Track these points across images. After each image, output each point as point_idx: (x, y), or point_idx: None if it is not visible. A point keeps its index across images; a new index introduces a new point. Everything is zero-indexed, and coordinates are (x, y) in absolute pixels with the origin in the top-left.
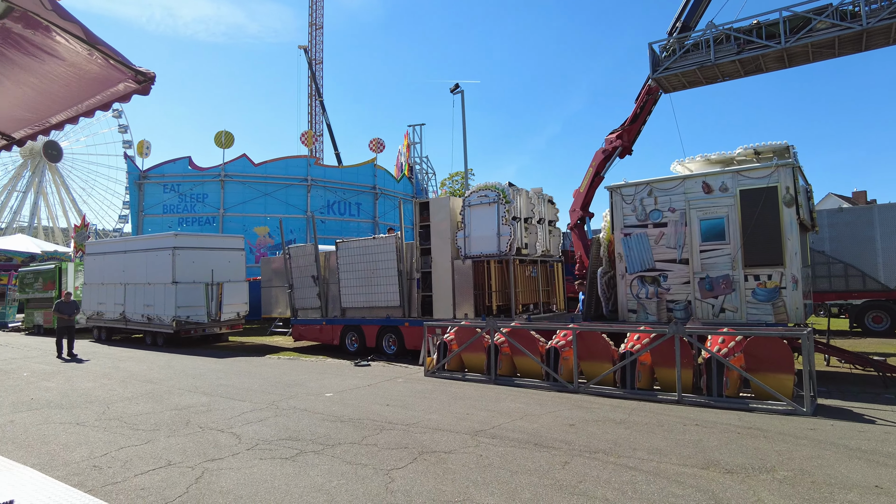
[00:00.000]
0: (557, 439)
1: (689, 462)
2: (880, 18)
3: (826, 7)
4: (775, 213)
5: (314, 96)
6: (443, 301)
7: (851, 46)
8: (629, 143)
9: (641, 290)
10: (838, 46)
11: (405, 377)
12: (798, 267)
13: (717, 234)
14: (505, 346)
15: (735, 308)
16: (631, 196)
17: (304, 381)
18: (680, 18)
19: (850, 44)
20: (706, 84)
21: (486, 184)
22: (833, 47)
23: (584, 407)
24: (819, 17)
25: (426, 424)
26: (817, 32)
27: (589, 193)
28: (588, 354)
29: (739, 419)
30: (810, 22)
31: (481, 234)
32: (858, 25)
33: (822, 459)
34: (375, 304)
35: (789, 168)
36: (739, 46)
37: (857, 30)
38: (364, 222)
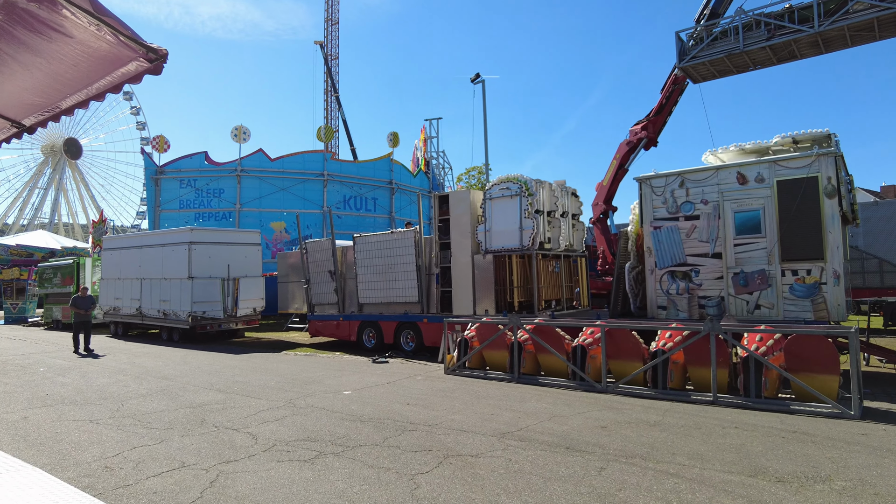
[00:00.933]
0: (590, 442)
1: (735, 469)
2: None
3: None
4: (816, 205)
5: (330, 91)
6: (463, 297)
7: (894, 28)
8: (655, 135)
9: (672, 286)
10: (879, 28)
11: (425, 375)
12: (840, 262)
13: (752, 226)
14: (528, 344)
15: (771, 304)
16: (661, 187)
17: (322, 379)
18: (708, 5)
19: (891, 25)
20: (736, 73)
21: (509, 176)
22: (873, 30)
23: (615, 408)
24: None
25: (450, 425)
26: (854, 14)
27: (613, 186)
28: (617, 353)
29: (781, 422)
30: (847, 3)
31: (503, 227)
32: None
33: (881, 468)
34: (393, 299)
35: (831, 157)
36: (770, 32)
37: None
38: (380, 217)
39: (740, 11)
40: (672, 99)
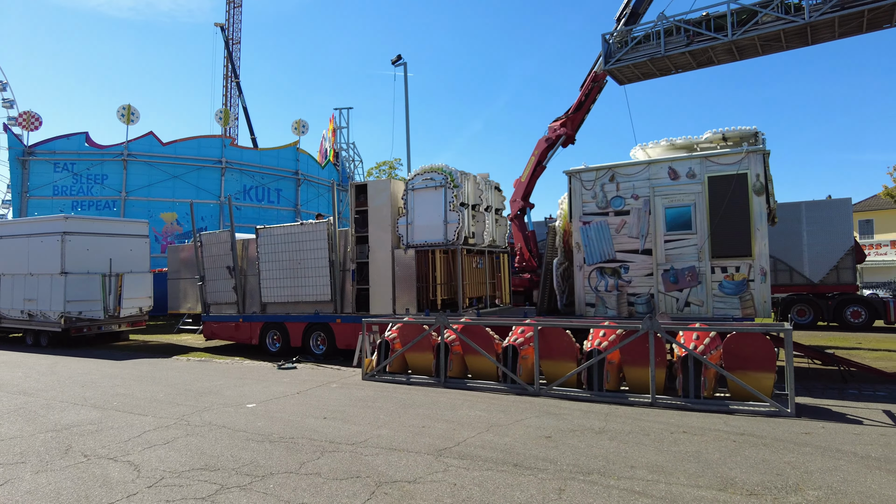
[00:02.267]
0: (538, 457)
1: (702, 482)
2: (822, 13)
3: (771, 0)
4: (745, 202)
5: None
6: (381, 295)
7: (798, 40)
8: (573, 132)
9: (600, 283)
10: (785, 40)
11: (340, 381)
12: (767, 259)
13: (683, 223)
14: (456, 345)
15: (701, 302)
16: (591, 182)
17: (220, 389)
18: (629, 4)
19: (796, 37)
20: (660, 76)
21: (432, 166)
22: (780, 40)
23: (553, 413)
24: (764, 10)
25: (377, 443)
26: (763, 25)
27: (531, 183)
28: (549, 353)
29: (725, 423)
30: (756, 15)
31: (426, 221)
32: (802, 19)
33: (842, 472)
34: (302, 298)
35: (760, 154)
36: (689, 38)
37: (801, 23)
38: (284, 210)
39: (661, 17)
40: (591, 97)
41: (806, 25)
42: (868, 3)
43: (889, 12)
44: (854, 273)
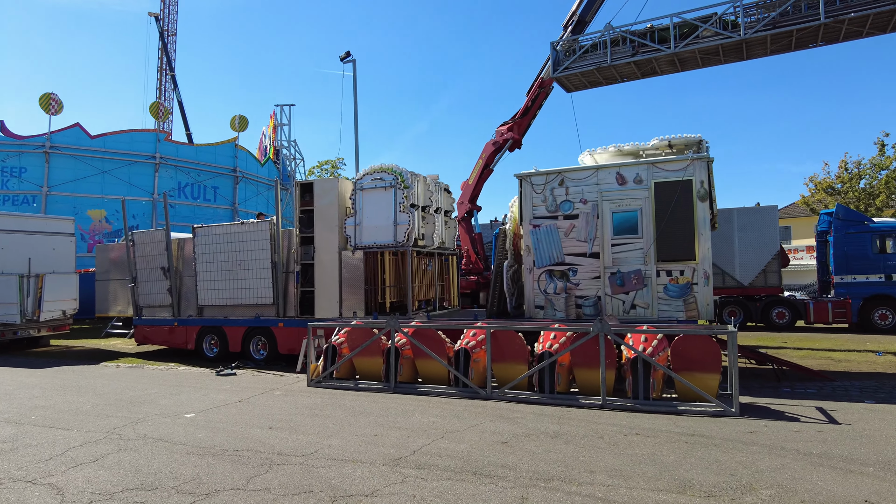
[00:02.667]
0: (497, 464)
1: (661, 485)
2: (756, 30)
3: (711, 16)
4: (689, 208)
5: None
6: (327, 297)
7: (735, 55)
8: (520, 136)
9: (550, 285)
10: (723, 54)
11: (284, 388)
12: (710, 263)
13: (629, 227)
14: (407, 349)
15: (646, 304)
16: (541, 185)
17: (155, 398)
18: (576, 13)
19: (733, 52)
20: (606, 84)
21: (382, 166)
22: (719, 54)
23: (507, 417)
24: (704, 24)
25: (328, 454)
26: (703, 39)
27: (478, 186)
28: (502, 356)
29: (675, 424)
30: (697, 29)
31: (375, 222)
32: (738, 35)
33: (791, 471)
34: (242, 300)
35: (704, 162)
36: (634, 49)
37: (737, 39)
38: (221, 208)
39: (608, 27)
40: (538, 102)
41: (742, 41)
42: (796, 24)
43: (815, 33)
44: (780, 276)
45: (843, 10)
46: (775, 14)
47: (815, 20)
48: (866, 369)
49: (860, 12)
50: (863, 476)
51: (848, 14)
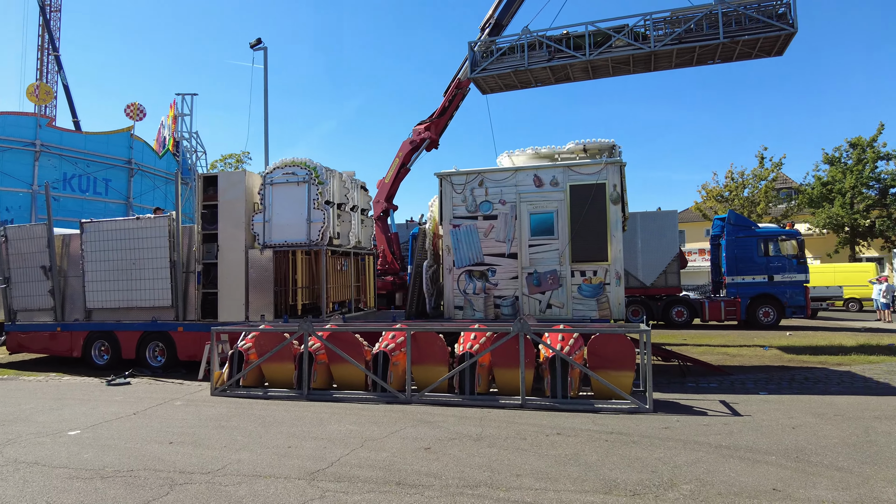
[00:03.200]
0: (421, 472)
1: (588, 486)
2: (664, 44)
3: (623, 27)
4: (603, 210)
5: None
6: (232, 299)
7: (643, 66)
8: (437, 136)
9: (469, 286)
10: (633, 64)
11: (185, 398)
12: (621, 263)
13: (546, 228)
14: (321, 354)
15: (561, 304)
16: (461, 185)
17: (31, 414)
18: (493, 15)
19: (641, 63)
20: (521, 88)
21: (294, 159)
22: (629, 64)
23: (428, 421)
24: (618, 34)
25: (238, 469)
26: (616, 49)
27: (394, 185)
28: (422, 358)
29: (594, 422)
30: (610, 39)
31: (287, 219)
32: (648, 47)
33: (706, 464)
34: (137, 303)
35: (617, 166)
36: (551, 54)
37: (647, 51)
38: (114, 203)
39: (526, 31)
40: (454, 103)
41: (651, 53)
42: (699, 41)
43: (713, 51)
44: (679, 277)
45: (738, 32)
46: (681, 30)
47: (715, 39)
48: (756, 363)
49: (752, 35)
50: (768, 465)
51: (743, 36)
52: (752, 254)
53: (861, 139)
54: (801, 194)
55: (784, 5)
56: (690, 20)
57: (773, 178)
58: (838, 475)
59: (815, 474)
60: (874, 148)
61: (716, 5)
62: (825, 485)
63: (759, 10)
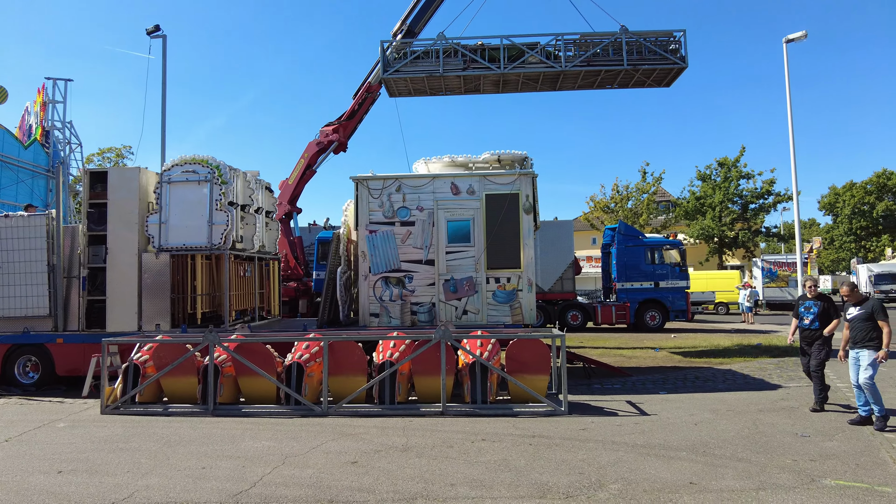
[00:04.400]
0: (353, 487)
1: (522, 492)
2: (574, 64)
3: (535, 44)
4: (516, 219)
5: None
6: (122, 307)
7: (550, 84)
8: (345, 139)
9: (386, 292)
10: (541, 82)
11: (70, 419)
12: (533, 270)
13: (463, 235)
14: (228, 366)
15: (477, 310)
16: (378, 190)
17: None
18: (405, 22)
19: (549, 81)
20: (430, 95)
21: (195, 157)
22: (537, 82)
23: (350, 434)
24: (531, 51)
25: (148, 497)
26: (529, 65)
27: (298, 186)
28: (339, 368)
29: (514, 427)
30: (524, 54)
31: (186, 220)
32: (559, 66)
33: (627, 463)
34: (5, 311)
35: (530, 177)
36: (466, 63)
37: (558, 70)
38: None
39: (441, 37)
40: (364, 107)
41: (561, 73)
42: (605, 66)
43: (615, 76)
44: (574, 283)
45: (639, 61)
46: (589, 53)
47: (620, 65)
48: (651, 364)
49: (650, 66)
50: (682, 461)
51: (643, 65)
52: (640, 262)
53: (727, 159)
54: (678, 207)
55: (676, 42)
56: (598, 45)
57: (653, 192)
58: (741, 465)
59: (722, 466)
60: (737, 167)
61: (620, 34)
62: (731, 475)
63: (657, 44)
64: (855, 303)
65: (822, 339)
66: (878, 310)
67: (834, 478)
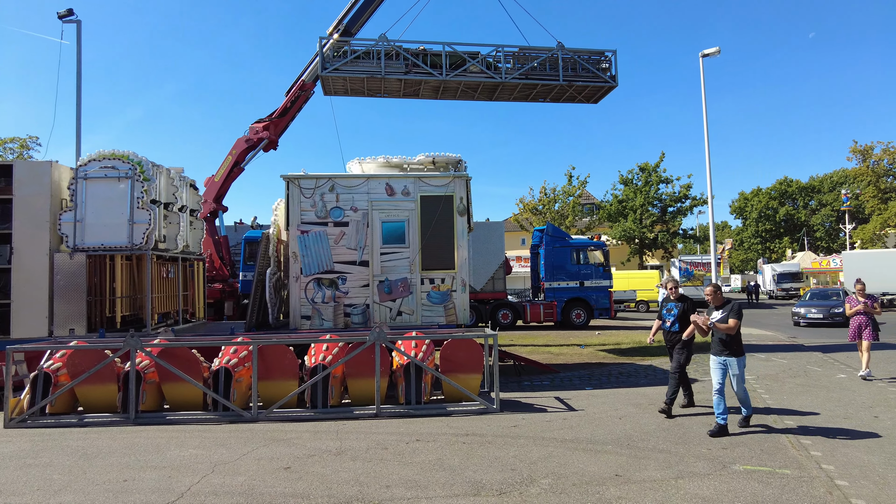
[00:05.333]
0: (286, 493)
1: (457, 490)
2: (514, 77)
3: (476, 54)
4: (450, 221)
5: None
6: (31, 311)
7: (487, 94)
8: (276, 137)
9: (318, 294)
10: (480, 91)
11: None
12: (467, 271)
13: (398, 236)
14: (150, 372)
15: (411, 311)
16: (311, 190)
17: None
18: (342, 21)
19: (487, 91)
20: (366, 95)
21: (115, 152)
22: (476, 90)
23: (281, 439)
24: (473, 60)
25: None
26: (470, 74)
27: (225, 184)
28: (269, 373)
29: (448, 426)
30: (466, 63)
31: (104, 218)
32: (499, 77)
33: (557, 458)
34: None
35: (464, 180)
36: (408, 67)
37: (498, 81)
38: None
39: (383, 38)
40: (297, 105)
41: (500, 84)
42: (542, 80)
43: (548, 91)
44: (504, 283)
45: (574, 77)
46: (527, 67)
47: (556, 80)
48: (578, 360)
49: (584, 82)
50: (608, 454)
51: (577, 81)
52: (566, 262)
53: (648, 164)
54: (601, 209)
55: (607, 60)
56: (536, 59)
57: (579, 195)
58: (661, 457)
59: (644, 458)
60: (657, 172)
61: (557, 50)
62: (654, 466)
63: (590, 62)
64: (717, 306)
65: (681, 343)
66: (735, 312)
67: (742, 463)
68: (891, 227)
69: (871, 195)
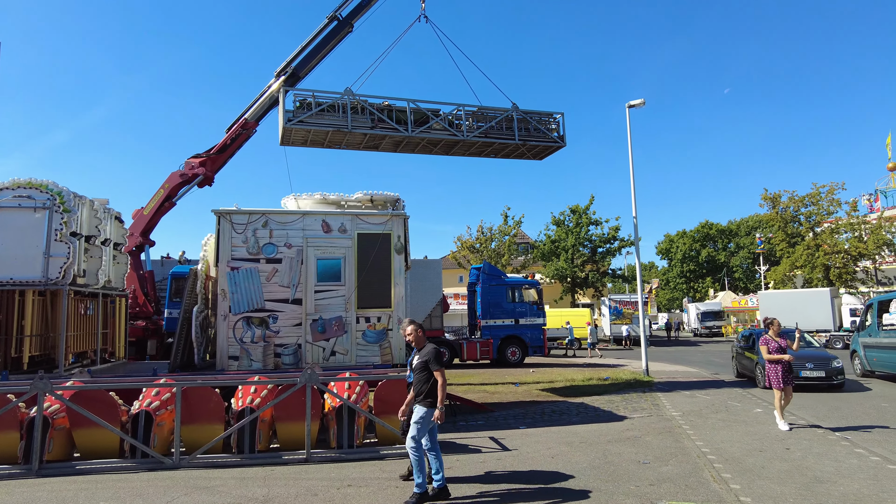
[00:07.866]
0: None
1: None
2: (475, 135)
3: (437, 111)
4: (388, 259)
5: None
6: None
7: (445, 149)
8: (212, 173)
9: (247, 333)
10: (439, 147)
11: None
12: (403, 310)
13: (333, 274)
14: (61, 417)
15: (346, 350)
16: (242, 225)
17: None
18: (290, 64)
19: (445, 146)
20: (326, 147)
21: (31, 181)
22: (436, 146)
23: (205, 487)
24: (436, 118)
25: None
26: (434, 131)
27: (155, 218)
28: (193, 417)
29: (381, 470)
30: (429, 119)
31: (15, 250)
32: (461, 135)
33: (490, 501)
34: None
35: (402, 218)
36: (374, 122)
37: (460, 138)
38: None
39: (349, 92)
40: (237, 142)
41: (459, 140)
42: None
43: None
44: (442, 320)
45: (528, 137)
46: (486, 126)
47: (512, 140)
48: (512, 399)
49: (537, 142)
50: (540, 495)
51: (531, 141)
52: (502, 300)
53: (578, 206)
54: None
55: (555, 122)
56: (493, 118)
57: (514, 234)
58: (592, 495)
59: (575, 498)
60: (587, 214)
61: (512, 111)
62: None
63: (541, 122)
64: (418, 348)
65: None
66: (433, 358)
67: (668, 499)
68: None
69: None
